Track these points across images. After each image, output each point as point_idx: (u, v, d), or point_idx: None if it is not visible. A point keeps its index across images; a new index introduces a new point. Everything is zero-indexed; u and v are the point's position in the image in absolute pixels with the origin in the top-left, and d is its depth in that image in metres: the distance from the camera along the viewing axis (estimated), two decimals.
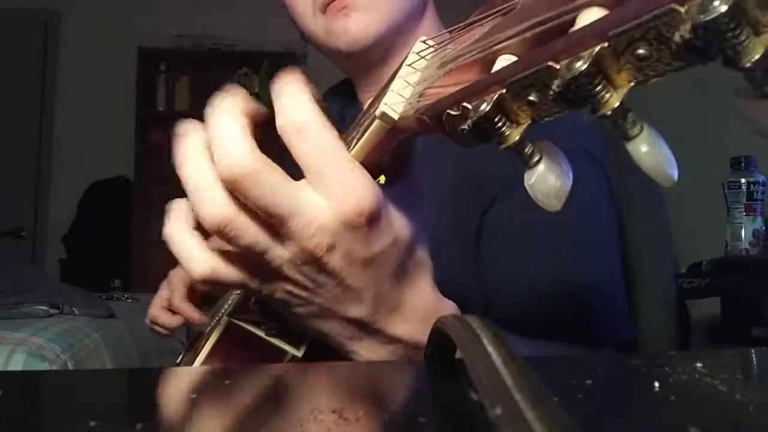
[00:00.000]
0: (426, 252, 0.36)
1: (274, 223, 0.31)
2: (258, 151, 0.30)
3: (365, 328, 0.35)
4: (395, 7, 0.65)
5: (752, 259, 1.54)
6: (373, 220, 0.31)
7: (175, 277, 0.80)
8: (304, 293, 0.34)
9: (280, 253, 0.32)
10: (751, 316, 1.42)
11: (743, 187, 1.57)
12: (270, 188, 0.29)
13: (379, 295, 0.34)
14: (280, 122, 0.30)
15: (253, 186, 0.29)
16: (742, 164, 1.58)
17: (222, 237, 0.31)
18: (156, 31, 3.37)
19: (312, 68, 3.59)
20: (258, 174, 0.29)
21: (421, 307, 0.36)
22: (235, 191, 0.30)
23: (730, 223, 1.61)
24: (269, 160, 0.30)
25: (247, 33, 3.44)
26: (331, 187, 0.30)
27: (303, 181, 0.31)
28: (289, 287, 0.33)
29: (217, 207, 0.30)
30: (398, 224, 0.33)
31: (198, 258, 0.33)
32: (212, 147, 0.30)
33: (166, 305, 0.80)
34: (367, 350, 0.36)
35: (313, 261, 0.31)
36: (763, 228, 1.59)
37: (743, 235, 1.58)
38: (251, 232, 0.31)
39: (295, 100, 0.30)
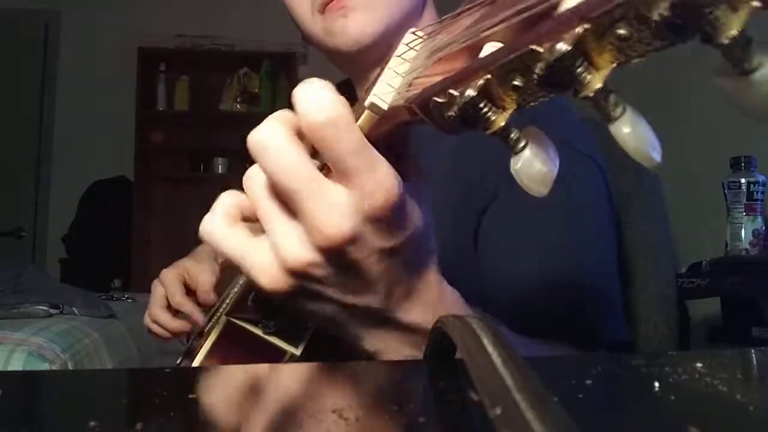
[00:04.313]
0: (434, 240, 0.37)
1: (288, 201, 0.31)
2: (287, 129, 0.31)
3: (377, 316, 0.35)
4: (393, 6, 0.65)
5: (752, 259, 1.54)
6: (397, 211, 0.31)
7: (168, 275, 0.79)
8: (315, 286, 0.33)
9: (290, 230, 0.31)
10: (751, 316, 1.42)
11: (743, 187, 1.57)
12: (288, 165, 0.30)
13: (393, 284, 0.34)
14: (302, 123, 0.29)
15: (269, 155, 0.30)
16: (742, 164, 1.58)
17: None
18: (156, 31, 3.36)
19: (312, 68, 3.56)
20: (273, 145, 0.30)
21: (431, 295, 0.36)
22: (255, 156, 0.31)
23: (730, 223, 1.61)
24: (301, 146, 0.30)
25: (247, 33, 3.43)
26: (358, 182, 0.30)
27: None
28: (297, 281, 0.33)
29: (255, 170, 0.32)
30: (416, 216, 0.33)
31: (216, 217, 0.34)
32: None
33: (165, 304, 0.79)
34: (377, 340, 0.36)
35: (333, 249, 0.31)
36: (763, 228, 1.59)
37: (743, 235, 1.58)
38: (261, 195, 0.32)
39: (315, 97, 0.29)
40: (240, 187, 0.35)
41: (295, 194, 0.30)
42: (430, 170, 0.36)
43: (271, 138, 0.30)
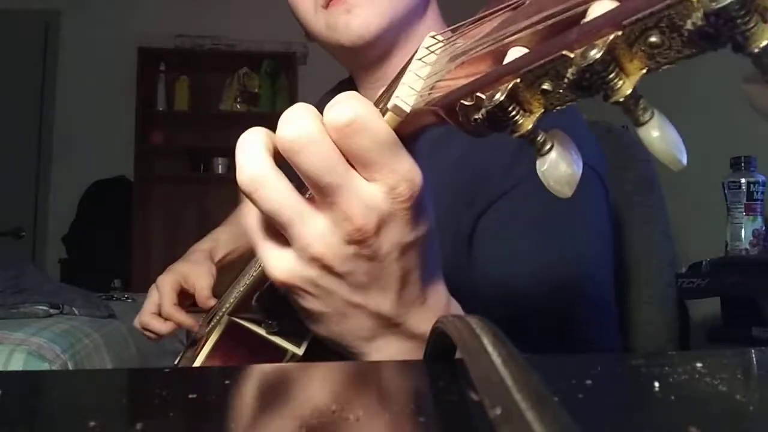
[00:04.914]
0: (440, 247, 0.37)
1: (319, 194, 0.31)
2: (319, 123, 0.30)
3: (385, 323, 0.35)
4: (397, 1, 0.65)
5: (752, 259, 1.54)
6: (419, 204, 0.31)
7: (164, 281, 0.79)
8: (331, 283, 0.33)
9: (318, 221, 0.31)
10: (751, 316, 1.42)
11: (743, 187, 1.57)
12: (326, 159, 0.30)
13: (406, 286, 0.34)
14: (329, 125, 0.30)
15: (308, 149, 0.30)
16: (742, 164, 1.58)
17: (249, 197, 0.31)
18: (156, 31, 3.37)
19: (312, 69, 3.56)
20: (312, 141, 0.29)
21: (439, 304, 0.36)
22: (284, 152, 0.30)
23: (730, 223, 1.61)
24: (328, 139, 0.30)
25: (247, 33, 3.44)
26: (384, 176, 0.30)
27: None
28: (314, 273, 0.33)
29: (255, 164, 0.31)
30: (431, 214, 0.34)
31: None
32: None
33: (157, 311, 0.80)
34: (379, 353, 0.36)
35: (359, 241, 0.31)
36: (763, 228, 1.59)
37: (743, 235, 1.58)
38: (280, 195, 0.31)
39: (341, 98, 0.30)
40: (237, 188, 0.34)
41: (329, 187, 0.30)
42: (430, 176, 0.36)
43: (308, 132, 0.30)
